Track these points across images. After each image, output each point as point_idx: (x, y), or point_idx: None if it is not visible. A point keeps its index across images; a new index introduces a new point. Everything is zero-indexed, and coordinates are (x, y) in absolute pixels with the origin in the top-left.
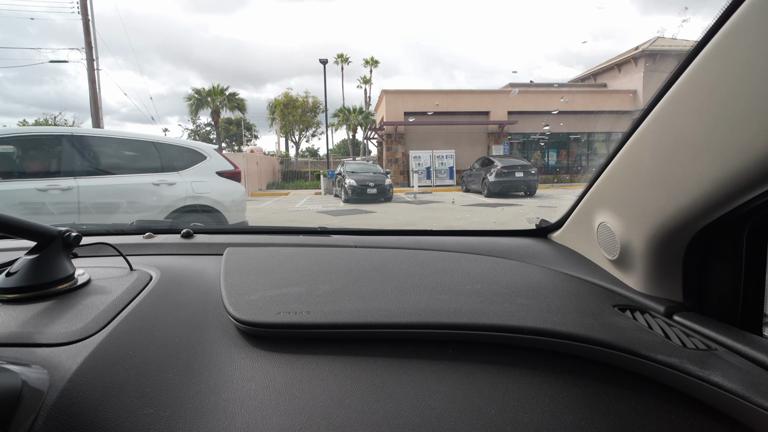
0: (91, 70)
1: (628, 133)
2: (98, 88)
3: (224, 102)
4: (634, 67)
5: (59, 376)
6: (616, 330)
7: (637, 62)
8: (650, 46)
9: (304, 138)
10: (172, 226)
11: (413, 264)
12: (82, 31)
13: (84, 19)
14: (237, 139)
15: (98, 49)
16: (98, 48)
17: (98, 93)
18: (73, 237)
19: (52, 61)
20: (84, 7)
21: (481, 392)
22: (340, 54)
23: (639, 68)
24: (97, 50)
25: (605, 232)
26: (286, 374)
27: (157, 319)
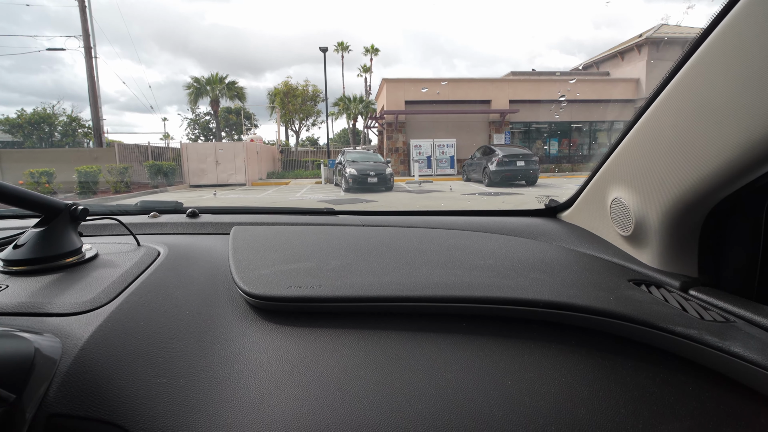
0: (88, 59)
1: (645, 105)
2: (96, 77)
3: (223, 91)
4: (638, 55)
5: (71, 344)
6: (633, 303)
7: (641, 50)
8: (654, 34)
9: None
10: (177, 207)
11: (423, 241)
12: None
13: (81, 6)
14: (237, 128)
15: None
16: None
17: (96, 82)
18: (80, 210)
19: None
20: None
21: (496, 365)
22: (340, 42)
23: (642, 56)
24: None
25: (619, 207)
26: (299, 347)
27: (167, 292)
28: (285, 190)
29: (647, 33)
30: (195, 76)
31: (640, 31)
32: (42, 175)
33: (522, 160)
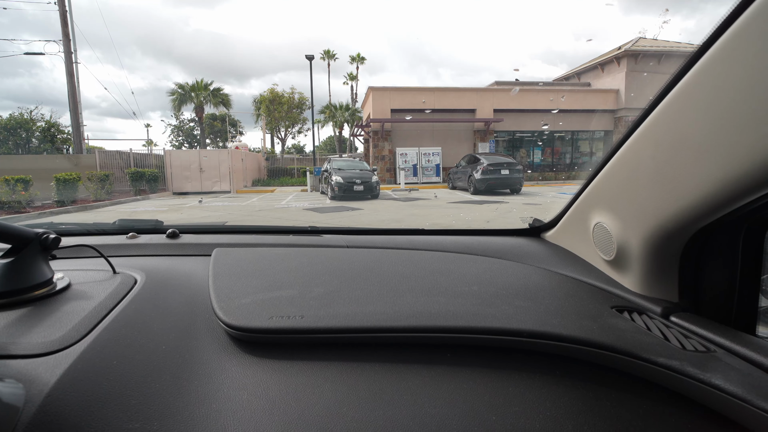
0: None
1: (627, 134)
2: (77, 82)
3: (208, 97)
4: (617, 66)
5: (36, 390)
6: (616, 332)
7: (620, 62)
8: (632, 47)
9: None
10: (156, 226)
11: (408, 265)
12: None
13: (61, 10)
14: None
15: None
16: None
17: (77, 87)
18: (51, 239)
19: (27, 53)
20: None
21: (480, 398)
22: (326, 50)
23: (621, 68)
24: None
25: (601, 232)
26: (279, 382)
27: (143, 325)
28: (271, 198)
29: (626, 45)
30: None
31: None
32: (18, 183)
33: (506, 168)
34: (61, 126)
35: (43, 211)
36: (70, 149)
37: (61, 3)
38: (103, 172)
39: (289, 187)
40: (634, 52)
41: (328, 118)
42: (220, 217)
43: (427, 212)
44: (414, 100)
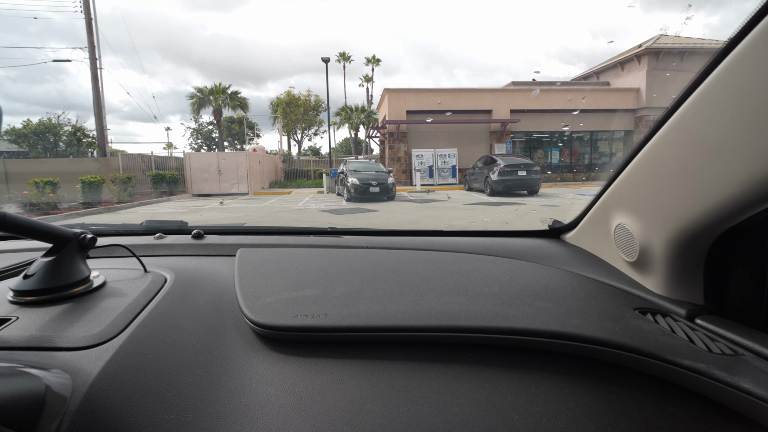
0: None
1: (649, 134)
2: (101, 87)
3: (226, 101)
4: (638, 65)
5: (81, 380)
6: (639, 334)
7: (641, 60)
8: (653, 44)
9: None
10: (182, 227)
11: (428, 265)
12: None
13: (87, 18)
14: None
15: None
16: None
17: (101, 92)
18: (88, 239)
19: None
20: (87, 7)
21: (503, 397)
22: (342, 53)
23: (642, 66)
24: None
25: (623, 233)
26: (305, 378)
27: (174, 322)
28: (287, 200)
29: (647, 43)
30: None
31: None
32: (46, 185)
33: (524, 169)
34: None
35: (69, 213)
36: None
37: (87, 11)
38: (125, 175)
39: (305, 189)
40: (655, 49)
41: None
42: (238, 218)
43: (443, 214)
44: (430, 101)
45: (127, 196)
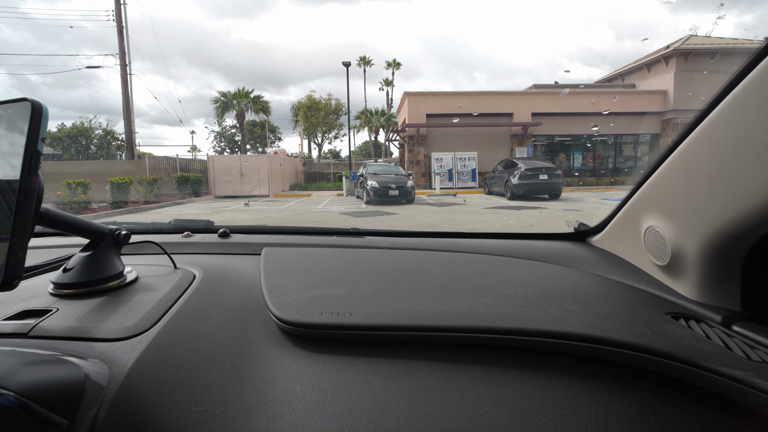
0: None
1: (683, 135)
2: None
3: (249, 105)
4: (665, 66)
5: (117, 370)
6: (672, 339)
7: (668, 62)
8: (682, 45)
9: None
10: (208, 226)
11: (452, 266)
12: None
13: (118, 26)
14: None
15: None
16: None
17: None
18: (122, 235)
19: (88, 66)
20: (118, 15)
21: (529, 399)
22: (362, 57)
23: (670, 68)
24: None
25: (654, 236)
26: (330, 375)
27: (203, 317)
28: (307, 202)
29: (675, 44)
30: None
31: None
32: (78, 186)
33: (545, 173)
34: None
35: (99, 212)
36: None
37: (119, 19)
38: (152, 177)
39: (325, 192)
40: (684, 50)
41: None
42: (259, 219)
43: (463, 217)
44: (450, 104)
45: (153, 197)
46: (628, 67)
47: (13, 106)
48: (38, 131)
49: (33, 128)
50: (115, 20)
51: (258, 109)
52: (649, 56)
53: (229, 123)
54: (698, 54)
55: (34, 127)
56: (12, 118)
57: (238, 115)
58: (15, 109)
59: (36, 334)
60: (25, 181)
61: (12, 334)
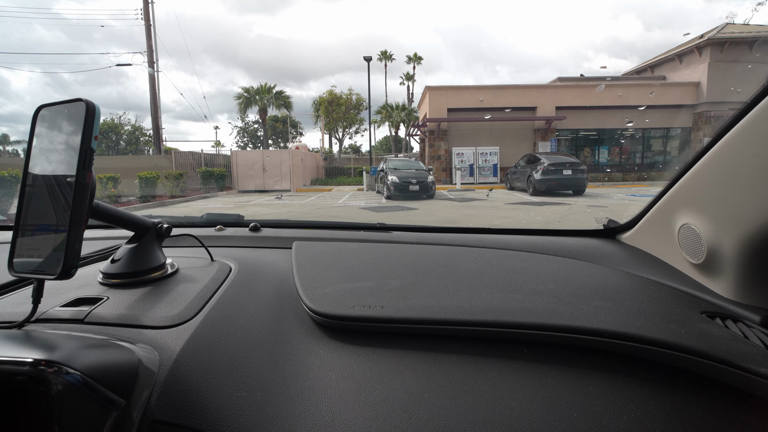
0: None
1: (723, 130)
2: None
3: (271, 100)
4: (698, 57)
5: (166, 356)
6: (708, 338)
7: (702, 52)
8: (718, 34)
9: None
10: (239, 220)
11: (480, 262)
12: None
13: (146, 24)
14: (283, 136)
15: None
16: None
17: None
18: (165, 229)
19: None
20: (146, 13)
21: (560, 395)
22: (383, 51)
23: (704, 58)
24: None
25: (689, 234)
26: (363, 366)
27: (241, 308)
28: (328, 197)
29: (709, 33)
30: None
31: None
32: (109, 181)
33: (569, 168)
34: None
35: (128, 206)
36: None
37: (147, 18)
38: (177, 171)
39: (345, 186)
40: (719, 40)
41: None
42: (281, 214)
43: (484, 213)
44: (471, 98)
45: (179, 191)
46: (658, 58)
47: (68, 106)
48: (92, 130)
49: (87, 127)
50: (144, 18)
51: (280, 104)
52: (681, 46)
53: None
54: (735, 43)
55: (88, 125)
56: (68, 117)
57: (261, 111)
58: (70, 109)
59: (90, 320)
60: (80, 176)
61: (69, 320)
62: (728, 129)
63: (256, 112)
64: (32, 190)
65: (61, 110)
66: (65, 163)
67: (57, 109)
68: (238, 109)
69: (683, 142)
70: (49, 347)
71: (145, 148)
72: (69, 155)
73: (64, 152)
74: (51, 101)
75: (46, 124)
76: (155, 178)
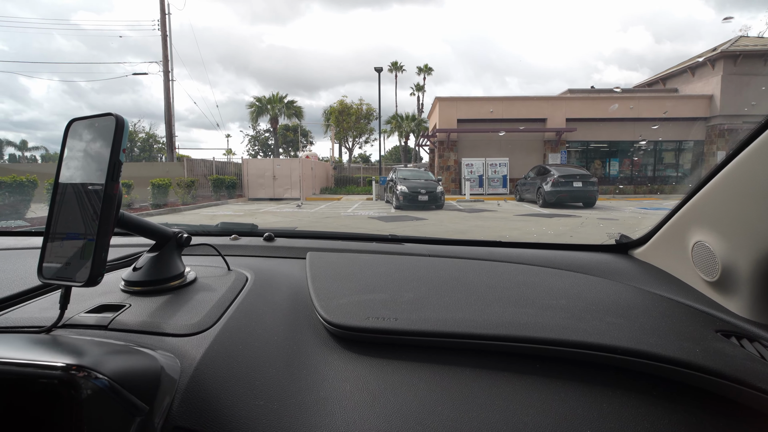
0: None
1: (739, 146)
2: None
3: (282, 109)
4: (711, 70)
5: (187, 363)
6: (723, 357)
7: (715, 65)
8: (731, 47)
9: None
10: (253, 229)
11: (492, 275)
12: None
13: (162, 35)
14: (293, 145)
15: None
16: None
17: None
18: (184, 238)
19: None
20: (163, 24)
21: (573, 411)
22: (393, 62)
23: (717, 71)
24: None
25: (702, 251)
26: (378, 377)
27: (257, 317)
28: (337, 206)
29: (723, 46)
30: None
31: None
32: (122, 187)
33: (579, 180)
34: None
35: (140, 212)
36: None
37: (163, 28)
38: (189, 179)
39: (354, 196)
40: (732, 52)
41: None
42: (290, 222)
43: (493, 224)
44: (481, 109)
45: (191, 198)
46: (670, 70)
47: (99, 120)
48: (120, 143)
49: (116, 140)
50: (160, 29)
51: (291, 113)
52: (694, 59)
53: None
54: (749, 56)
55: (117, 139)
56: (98, 130)
57: (272, 120)
58: (101, 122)
59: (114, 327)
60: (108, 188)
61: (94, 326)
62: (744, 146)
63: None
64: (62, 199)
65: (91, 123)
66: (94, 174)
67: (88, 123)
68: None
69: (696, 156)
70: (78, 352)
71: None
72: (98, 166)
73: (93, 163)
74: (81, 115)
75: (77, 136)
76: (167, 185)
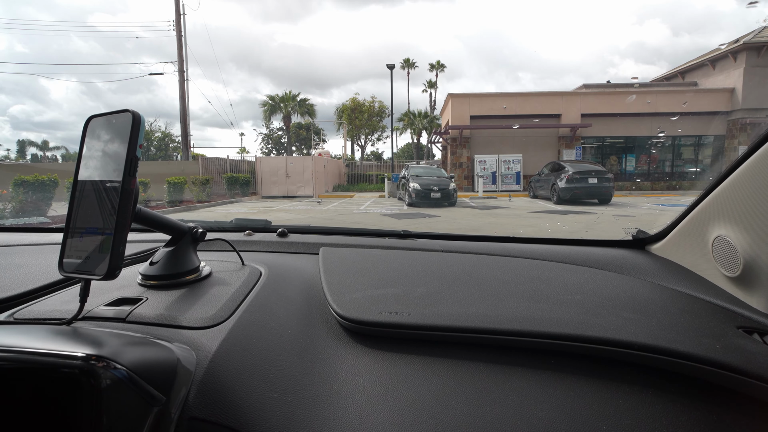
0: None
1: (761, 139)
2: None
3: (295, 107)
4: (733, 62)
5: (202, 356)
6: (744, 354)
7: (737, 57)
8: (754, 38)
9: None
10: (266, 225)
11: (505, 271)
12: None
13: (178, 35)
14: (306, 143)
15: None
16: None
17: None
18: (200, 233)
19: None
20: (178, 25)
21: (589, 406)
22: (406, 59)
23: (739, 63)
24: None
25: (723, 246)
26: (390, 371)
27: (271, 311)
28: (349, 203)
29: (745, 38)
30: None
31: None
32: (139, 185)
33: (594, 177)
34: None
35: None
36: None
37: (178, 29)
38: (204, 177)
39: (367, 193)
40: (756, 44)
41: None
42: (303, 220)
43: (506, 221)
44: (494, 105)
45: (205, 196)
46: (689, 63)
47: (116, 117)
48: (137, 139)
49: (133, 136)
50: (175, 29)
51: (304, 111)
52: (714, 51)
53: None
54: None
55: (134, 135)
56: (115, 127)
57: (285, 118)
58: (118, 119)
59: (132, 319)
60: (126, 183)
61: (112, 319)
62: (763, 142)
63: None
64: (81, 196)
65: (109, 120)
66: (112, 170)
67: (105, 119)
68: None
69: (716, 151)
70: (98, 343)
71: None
72: (115, 162)
73: (111, 160)
74: (99, 112)
75: (95, 134)
76: (183, 183)
